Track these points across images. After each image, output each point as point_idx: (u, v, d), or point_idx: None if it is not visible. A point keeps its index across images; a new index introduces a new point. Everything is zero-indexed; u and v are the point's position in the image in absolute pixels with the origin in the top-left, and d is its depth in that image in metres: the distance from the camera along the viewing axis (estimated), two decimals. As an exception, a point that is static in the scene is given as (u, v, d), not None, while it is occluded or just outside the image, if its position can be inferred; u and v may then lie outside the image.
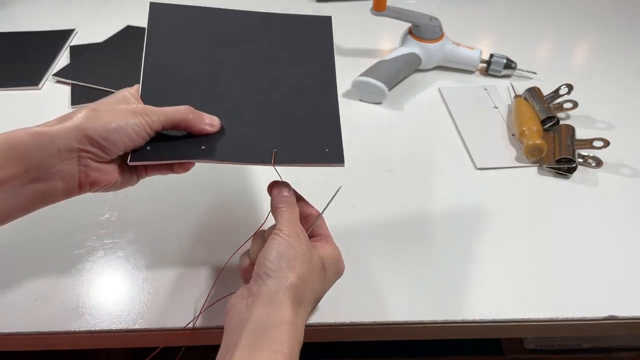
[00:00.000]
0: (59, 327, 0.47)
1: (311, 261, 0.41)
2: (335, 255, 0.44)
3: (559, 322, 0.48)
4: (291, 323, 0.37)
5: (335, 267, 0.44)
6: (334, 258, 0.44)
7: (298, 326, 0.38)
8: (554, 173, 0.63)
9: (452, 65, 0.82)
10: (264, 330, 0.36)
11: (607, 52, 0.88)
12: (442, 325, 0.48)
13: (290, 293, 0.38)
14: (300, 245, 0.40)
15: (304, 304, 0.40)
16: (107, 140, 0.39)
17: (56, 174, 0.39)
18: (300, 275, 0.39)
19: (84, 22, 0.96)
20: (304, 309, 0.40)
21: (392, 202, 0.60)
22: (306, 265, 0.40)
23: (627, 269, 0.52)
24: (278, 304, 0.38)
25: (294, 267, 0.39)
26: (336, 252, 0.44)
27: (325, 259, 0.43)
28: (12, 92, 0.79)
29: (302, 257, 0.40)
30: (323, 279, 0.42)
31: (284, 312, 0.37)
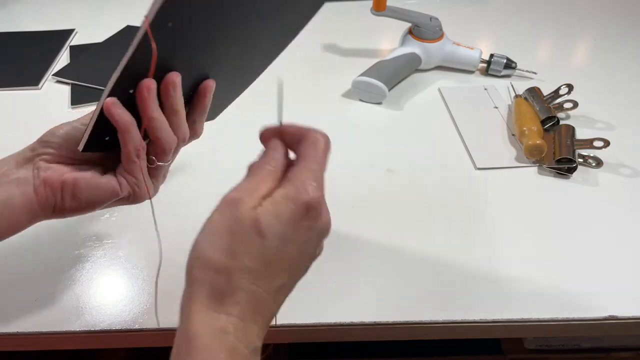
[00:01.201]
0: (59, 327, 0.47)
1: (235, 231, 0.29)
2: (285, 204, 0.30)
3: (559, 322, 0.48)
4: (203, 333, 0.28)
5: (286, 225, 0.30)
6: (282, 210, 0.29)
7: (221, 331, 0.28)
8: (554, 173, 0.63)
9: (452, 65, 0.82)
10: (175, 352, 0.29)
11: (607, 52, 0.88)
12: (442, 325, 0.48)
13: (198, 293, 0.29)
14: (223, 216, 0.30)
15: (233, 298, 0.29)
16: (51, 134, 0.39)
17: (11, 182, 0.38)
18: (211, 261, 0.29)
19: (83, 22, 0.96)
20: (236, 304, 0.29)
21: (391, 202, 0.60)
22: (224, 241, 0.29)
23: (627, 269, 0.52)
24: (187, 315, 0.29)
25: (204, 252, 0.30)
26: (287, 198, 0.30)
27: (264, 215, 0.29)
28: (12, 92, 0.79)
29: (223, 232, 0.29)
30: (258, 249, 0.29)
31: (193, 323, 0.28)
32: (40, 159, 0.39)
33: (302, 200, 0.30)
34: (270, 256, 0.29)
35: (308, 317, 0.47)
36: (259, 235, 0.29)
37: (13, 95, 0.79)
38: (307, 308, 0.48)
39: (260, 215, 0.29)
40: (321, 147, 0.33)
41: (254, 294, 0.29)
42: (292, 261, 0.31)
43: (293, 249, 0.30)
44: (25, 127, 0.73)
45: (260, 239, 0.29)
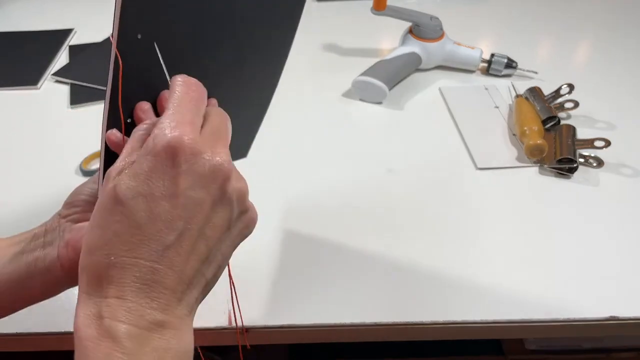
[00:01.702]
0: (59, 327, 0.47)
1: (97, 209, 0.27)
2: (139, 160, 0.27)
3: (560, 322, 0.48)
4: (78, 328, 0.26)
5: (149, 179, 0.26)
6: (138, 166, 0.27)
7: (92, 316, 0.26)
8: (555, 173, 0.63)
9: (453, 64, 0.82)
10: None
11: (608, 51, 0.88)
12: (442, 325, 0.47)
13: (79, 281, 0.28)
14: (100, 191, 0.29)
15: (105, 279, 0.26)
16: (75, 194, 0.37)
17: (37, 246, 0.36)
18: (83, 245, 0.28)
19: (83, 22, 0.96)
20: (110, 285, 0.26)
21: (391, 202, 0.60)
22: (90, 221, 0.28)
23: (628, 269, 0.52)
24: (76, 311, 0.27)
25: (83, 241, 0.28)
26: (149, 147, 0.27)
27: (120, 180, 0.27)
28: (11, 92, 0.79)
29: (92, 213, 0.28)
30: (120, 218, 0.26)
31: (76, 316, 0.27)
32: (67, 221, 0.37)
33: (158, 147, 0.26)
34: (137, 220, 0.26)
35: (308, 318, 0.47)
36: (116, 203, 0.26)
37: (12, 95, 0.78)
38: (307, 309, 0.48)
39: (117, 182, 0.27)
40: (175, 92, 0.29)
41: (132, 266, 0.26)
42: (170, 216, 0.26)
43: (164, 204, 0.26)
44: (24, 127, 0.73)
45: (118, 206, 0.26)
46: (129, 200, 0.26)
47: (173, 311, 0.27)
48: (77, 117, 0.74)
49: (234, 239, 0.31)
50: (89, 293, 0.27)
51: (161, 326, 0.27)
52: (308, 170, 0.64)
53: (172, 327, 0.27)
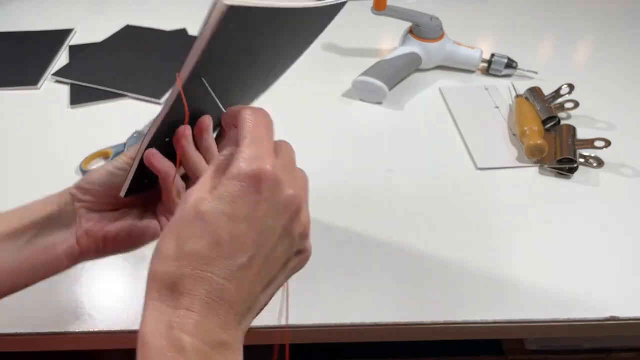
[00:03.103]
0: (58, 327, 0.47)
1: (180, 222, 0.28)
2: (230, 182, 0.28)
3: (560, 322, 0.48)
4: (145, 333, 0.27)
5: (235, 202, 0.28)
6: (226, 189, 0.28)
7: (166, 325, 0.26)
8: (555, 173, 0.63)
9: (453, 64, 0.82)
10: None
11: (608, 51, 0.88)
12: (442, 325, 0.47)
13: (148, 285, 0.28)
14: (175, 213, 0.29)
15: (178, 289, 0.27)
16: (90, 182, 0.38)
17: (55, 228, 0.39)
18: (157, 251, 0.28)
19: (83, 22, 0.96)
20: (182, 296, 0.27)
21: (391, 202, 0.60)
22: (172, 236, 0.28)
23: (628, 269, 0.52)
24: (142, 317, 0.28)
25: (155, 246, 0.29)
26: (233, 173, 0.28)
27: (205, 199, 0.28)
28: (11, 92, 0.79)
29: (171, 224, 0.29)
30: (201, 232, 0.28)
31: (141, 320, 0.27)
32: (82, 207, 0.39)
33: (243, 174, 0.28)
34: (215, 238, 0.27)
35: (308, 318, 0.47)
36: (199, 218, 0.28)
37: (12, 95, 0.78)
38: (307, 309, 0.48)
39: (202, 200, 0.28)
40: (250, 123, 0.31)
41: (204, 280, 0.27)
42: (246, 239, 0.28)
43: (243, 226, 0.28)
44: (24, 127, 0.73)
45: (201, 222, 0.28)
46: (213, 218, 0.28)
47: (234, 333, 0.28)
48: (77, 117, 0.74)
49: (288, 272, 0.32)
50: (159, 299, 0.27)
51: (223, 346, 0.27)
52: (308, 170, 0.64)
53: (232, 349, 0.28)
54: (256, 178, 0.28)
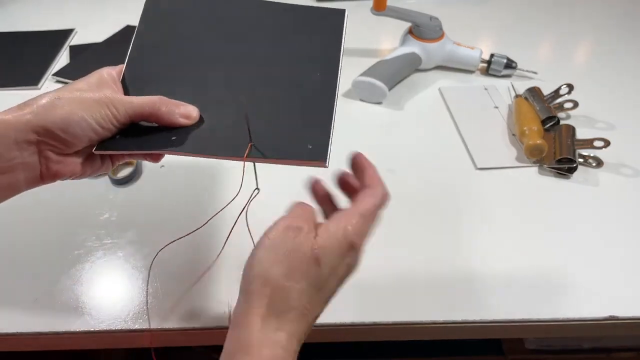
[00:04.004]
0: (58, 327, 0.47)
1: (295, 255, 0.33)
2: (338, 239, 0.34)
3: (560, 322, 0.48)
4: (261, 344, 0.31)
5: (337, 258, 0.34)
6: (335, 244, 0.34)
7: (277, 345, 0.32)
8: (554, 173, 0.63)
9: (453, 65, 0.82)
10: (226, 357, 0.32)
11: (607, 51, 0.88)
12: (442, 325, 0.48)
13: (257, 306, 0.32)
14: (284, 239, 0.34)
15: (288, 315, 0.33)
16: (67, 134, 0.37)
17: (16, 166, 0.37)
18: (272, 279, 0.33)
19: (83, 22, 0.96)
20: (289, 322, 0.33)
21: (391, 202, 0.60)
22: (284, 263, 0.33)
23: (628, 269, 0.52)
24: (244, 325, 0.32)
25: (266, 270, 0.33)
26: (339, 234, 0.34)
27: (322, 246, 0.34)
28: (11, 92, 0.79)
29: (283, 254, 0.33)
30: (314, 275, 0.34)
31: (251, 333, 0.32)
32: (49, 150, 0.37)
33: (351, 239, 0.34)
34: (321, 283, 0.34)
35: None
36: (316, 263, 0.33)
37: (12, 95, 0.78)
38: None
39: (317, 245, 0.34)
40: (377, 201, 0.37)
41: (303, 315, 0.33)
42: (332, 290, 0.35)
43: (335, 279, 0.35)
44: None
45: (316, 267, 0.33)
46: (324, 266, 0.34)
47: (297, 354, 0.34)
48: (77, 118, 0.74)
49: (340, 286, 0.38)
50: (266, 320, 0.32)
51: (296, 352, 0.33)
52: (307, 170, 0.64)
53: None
54: (355, 247, 0.35)
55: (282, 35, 0.46)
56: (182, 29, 0.46)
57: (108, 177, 0.62)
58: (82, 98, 0.38)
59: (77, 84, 0.39)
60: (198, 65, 0.44)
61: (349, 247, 0.35)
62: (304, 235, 0.34)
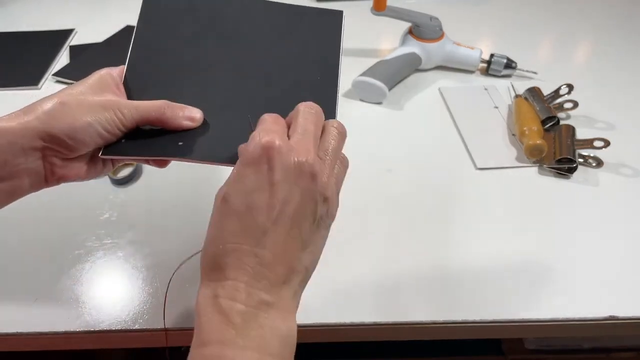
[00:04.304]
0: (58, 327, 0.47)
1: (213, 213, 0.33)
2: (241, 159, 0.33)
3: (560, 322, 0.48)
4: (197, 307, 0.31)
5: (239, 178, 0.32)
6: (238, 167, 0.33)
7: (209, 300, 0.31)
8: (554, 173, 0.63)
9: (453, 65, 0.82)
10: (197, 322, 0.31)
11: (607, 51, 0.88)
12: (442, 325, 0.48)
13: (201, 272, 0.33)
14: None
15: (220, 265, 0.31)
16: (74, 140, 0.37)
17: (21, 172, 0.37)
18: (205, 243, 0.33)
19: (83, 22, 0.96)
20: (224, 270, 0.31)
21: (391, 202, 0.60)
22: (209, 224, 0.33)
23: (627, 269, 0.52)
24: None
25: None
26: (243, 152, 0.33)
27: (226, 183, 0.33)
28: (11, 92, 0.79)
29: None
30: (225, 210, 0.32)
31: (196, 300, 0.32)
32: (54, 155, 0.37)
33: (251, 152, 0.32)
34: (238, 212, 0.31)
35: (308, 318, 0.47)
36: (222, 202, 0.32)
37: (13, 95, 0.78)
38: (306, 309, 0.48)
39: (221, 188, 0.33)
40: (307, 116, 0.36)
41: (236, 251, 0.31)
42: (265, 205, 0.31)
43: (259, 195, 0.31)
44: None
45: (224, 204, 0.32)
46: (231, 197, 0.32)
47: (278, 293, 0.31)
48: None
49: (322, 234, 0.35)
50: (209, 279, 0.32)
51: (267, 305, 0.31)
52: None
53: (277, 308, 0.31)
54: (264, 150, 0.32)
55: (280, 36, 0.46)
56: (181, 28, 0.46)
57: (108, 177, 0.62)
58: (87, 103, 0.37)
59: (79, 86, 0.39)
60: (199, 67, 0.44)
61: (252, 158, 0.32)
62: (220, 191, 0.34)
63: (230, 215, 0.31)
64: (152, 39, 0.45)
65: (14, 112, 0.37)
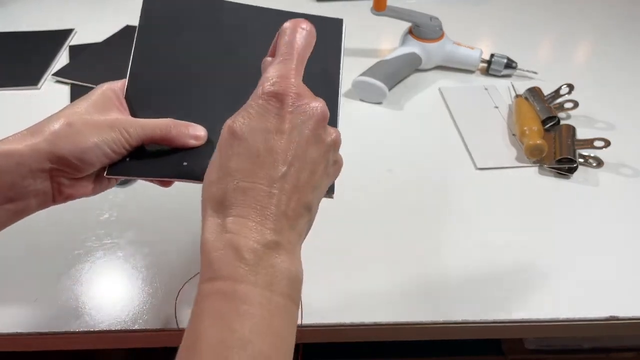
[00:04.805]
0: (58, 327, 0.47)
1: (217, 148, 0.32)
2: (255, 99, 0.32)
3: (560, 322, 0.48)
4: (204, 241, 0.30)
5: (256, 118, 0.31)
6: (251, 106, 0.32)
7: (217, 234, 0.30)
8: (554, 173, 0.63)
9: (453, 65, 0.82)
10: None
11: (608, 51, 0.88)
12: (442, 325, 0.48)
13: (204, 212, 0.32)
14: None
15: (228, 201, 0.30)
16: (81, 161, 0.37)
17: (29, 193, 0.37)
18: (206, 181, 0.32)
19: (83, 22, 0.96)
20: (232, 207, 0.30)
21: (391, 202, 0.60)
22: (211, 161, 0.33)
23: (628, 269, 0.52)
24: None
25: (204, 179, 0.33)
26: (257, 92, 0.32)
27: (235, 120, 0.32)
28: (11, 92, 0.79)
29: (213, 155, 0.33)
30: (237, 148, 0.31)
31: (202, 234, 0.31)
32: (61, 175, 0.38)
33: (267, 93, 0.31)
34: (253, 152, 0.31)
35: (308, 318, 0.47)
36: (234, 137, 0.31)
37: (12, 95, 0.78)
38: (307, 309, 0.48)
39: (232, 121, 0.31)
40: (285, 37, 0.34)
41: (250, 190, 0.30)
42: (280, 150, 0.31)
43: (277, 137, 0.31)
44: (24, 128, 0.73)
45: (236, 140, 0.31)
46: (246, 134, 0.31)
47: (286, 235, 0.31)
48: (77, 117, 0.74)
49: (328, 180, 0.35)
50: (214, 217, 0.31)
51: (277, 246, 0.30)
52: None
53: (285, 250, 0.30)
54: (280, 94, 0.31)
55: None
56: (181, 41, 0.45)
57: (108, 177, 0.62)
58: (94, 123, 0.37)
59: (82, 103, 0.39)
60: (199, 78, 0.44)
61: (269, 100, 0.31)
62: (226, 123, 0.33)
63: (244, 152, 0.31)
64: (151, 52, 0.45)
65: (20, 133, 0.37)
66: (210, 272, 0.29)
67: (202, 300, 0.29)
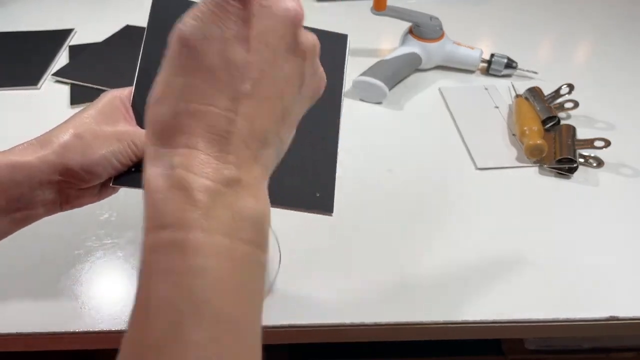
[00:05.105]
0: (58, 327, 0.47)
1: (166, 55, 0.26)
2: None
3: (560, 322, 0.48)
4: (147, 180, 0.24)
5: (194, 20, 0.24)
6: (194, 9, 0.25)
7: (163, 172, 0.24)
8: (554, 173, 0.63)
9: (453, 64, 0.82)
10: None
11: (608, 51, 0.88)
12: (442, 325, 0.48)
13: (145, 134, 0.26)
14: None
15: (173, 127, 0.24)
16: (89, 173, 0.37)
17: (37, 203, 0.37)
18: (151, 96, 0.26)
19: (83, 22, 0.96)
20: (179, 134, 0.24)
21: (391, 202, 0.60)
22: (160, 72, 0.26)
23: (628, 269, 0.52)
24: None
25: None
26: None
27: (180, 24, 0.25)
28: (11, 92, 0.79)
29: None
30: (175, 56, 0.25)
31: (144, 170, 0.25)
32: (69, 187, 0.38)
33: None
34: (209, 63, 0.24)
35: (308, 318, 0.47)
36: (183, 45, 0.24)
37: (12, 95, 0.78)
38: (307, 309, 0.48)
39: (182, 24, 0.25)
40: None
41: (203, 114, 0.24)
42: (241, 63, 0.24)
43: (238, 47, 0.24)
44: (24, 128, 0.73)
45: (185, 48, 0.24)
46: (198, 41, 0.24)
47: (249, 169, 0.25)
48: (77, 117, 0.74)
49: (304, 101, 0.29)
50: (157, 145, 0.25)
51: (237, 183, 0.24)
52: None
53: (248, 187, 0.25)
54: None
55: None
56: None
57: (108, 177, 0.62)
58: (102, 134, 0.37)
59: (90, 112, 0.38)
60: None
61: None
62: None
63: (195, 64, 0.24)
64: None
65: (29, 143, 0.37)
66: (155, 219, 0.23)
67: (149, 254, 0.24)
